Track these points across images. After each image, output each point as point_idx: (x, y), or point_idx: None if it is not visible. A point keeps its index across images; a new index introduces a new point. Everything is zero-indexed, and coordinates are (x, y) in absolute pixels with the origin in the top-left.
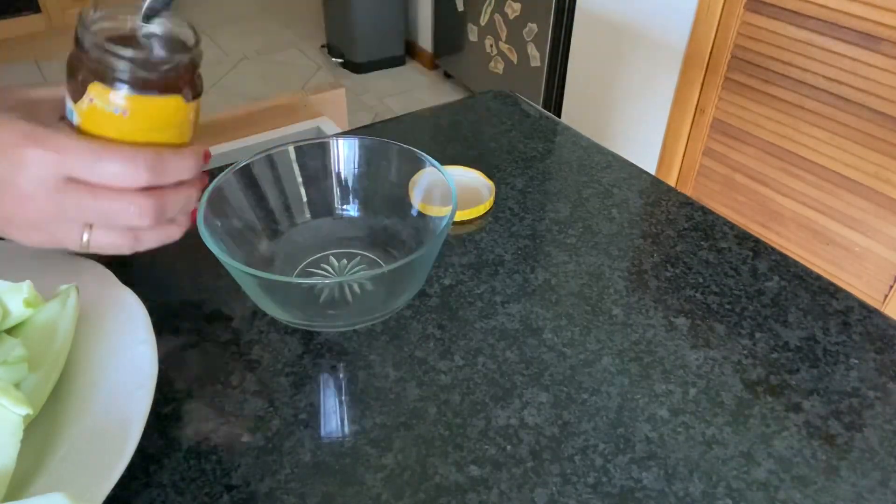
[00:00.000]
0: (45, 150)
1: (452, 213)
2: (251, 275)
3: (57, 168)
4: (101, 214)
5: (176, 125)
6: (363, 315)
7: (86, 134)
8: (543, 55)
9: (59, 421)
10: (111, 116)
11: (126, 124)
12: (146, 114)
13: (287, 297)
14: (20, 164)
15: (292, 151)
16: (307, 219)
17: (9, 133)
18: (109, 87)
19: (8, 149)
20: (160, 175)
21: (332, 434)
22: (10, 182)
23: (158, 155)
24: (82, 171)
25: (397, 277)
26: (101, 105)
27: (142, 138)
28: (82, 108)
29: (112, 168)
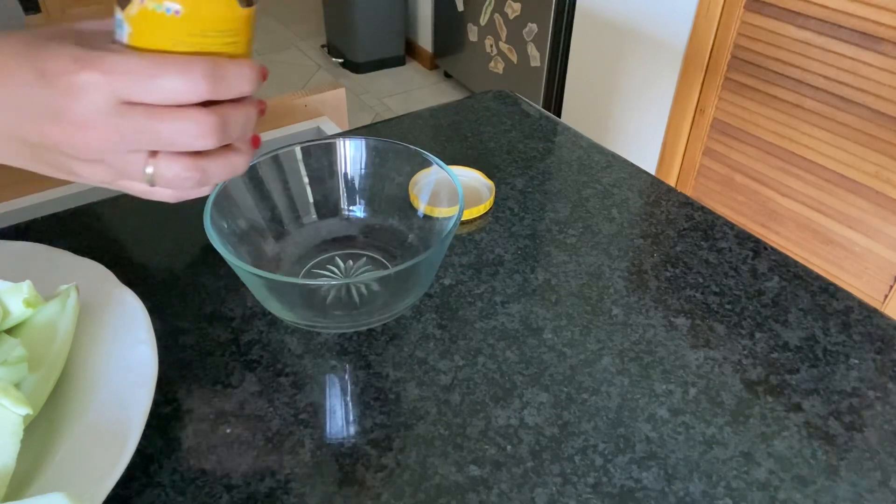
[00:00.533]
0: (96, 73)
1: (459, 216)
2: (258, 276)
3: (111, 90)
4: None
5: (232, 31)
6: (369, 316)
7: (137, 47)
8: (543, 55)
9: (59, 421)
10: (163, 18)
11: (180, 27)
12: (200, 13)
13: (293, 298)
14: (72, 90)
15: (299, 152)
16: (313, 219)
17: (57, 59)
18: None
19: (58, 76)
20: (218, 84)
21: (332, 434)
22: (64, 110)
23: (215, 63)
24: (137, 89)
25: (403, 279)
26: (153, 6)
27: (196, 45)
28: (132, 13)
29: (168, 82)
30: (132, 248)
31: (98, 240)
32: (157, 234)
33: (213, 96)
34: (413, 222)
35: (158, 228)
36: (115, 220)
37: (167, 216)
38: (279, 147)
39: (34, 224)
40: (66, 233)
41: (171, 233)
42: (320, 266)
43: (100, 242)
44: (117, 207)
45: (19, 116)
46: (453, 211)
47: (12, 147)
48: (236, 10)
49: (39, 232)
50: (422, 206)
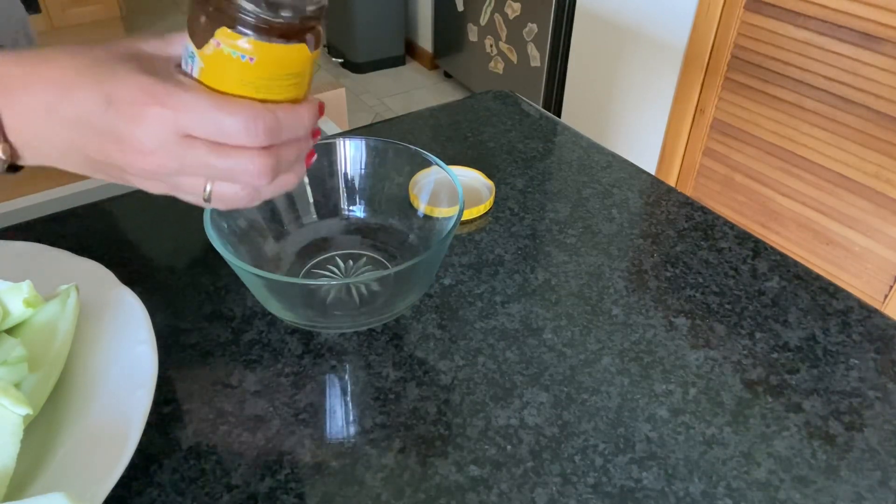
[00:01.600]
0: (164, 108)
1: (459, 216)
2: (258, 276)
3: (176, 125)
4: (219, 172)
5: (298, 74)
6: (369, 316)
7: (206, 83)
8: (543, 55)
9: (59, 421)
10: (237, 63)
11: (251, 71)
12: (272, 61)
13: (293, 298)
14: (139, 120)
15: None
16: (313, 219)
17: (128, 88)
18: (239, 33)
19: (129, 105)
20: (278, 136)
21: (332, 434)
22: (129, 137)
23: (276, 117)
24: (202, 129)
25: (403, 279)
26: (228, 51)
27: (263, 87)
28: (206, 52)
29: (232, 128)
30: (132, 248)
31: (98, 240)
32: (157, 234)
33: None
34: (413, 222)
35: (158, 228)
36: (115, 220)
37: (167, 216)
38: None
39: (34, 224)
40: (66, 233)
41: (171, 233)
42: (320, 266)
43: (100, 242)
44: (117, 207)
45: (84, 134)
46: (453, 211)
47: (76, 158)
48: (306, 56)
49: (39, 232)
50: (422, 206)
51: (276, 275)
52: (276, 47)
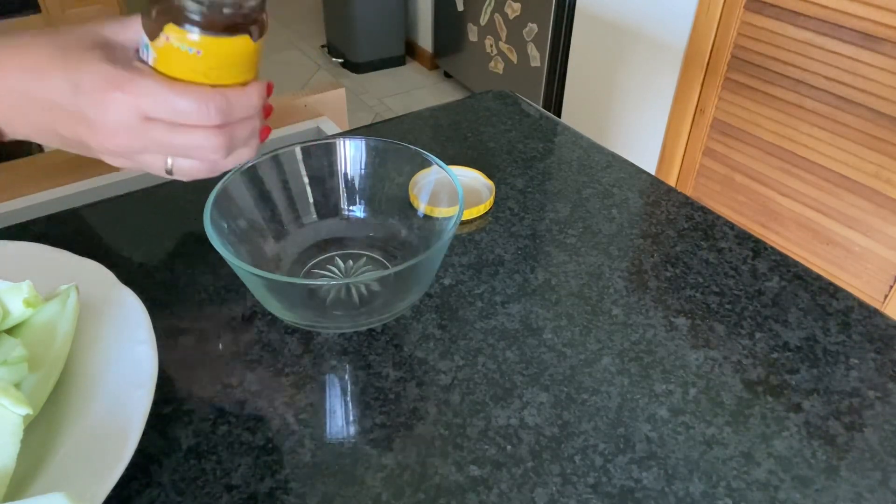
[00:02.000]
0: (125, 94)
1: (459, 216)
2: (258, 276)
3: (137, 109)
4: (176, 148)
5: (244, 63)
6: (369, 316)
7: (161, 71)
8: (543, 55)
9: (59, 421)
10: (185, 55)
11: (199, 62)
12: (217, 53)
13: (293, 298)
14: (104, 105)
15: (299, 152)
16: (313, 219)
17: (93, 76)
18: (185, 30)
19: (94, 92)
20: (229, 115)
21: (332, 434)
22: (95, 120)
23: (227, 99)
24: (159, 112)
25: (403, 279)
26: (177, 44)
27: (213, 74)
28: (158, 45)
29: (187, 112)
30: (132, 248)
31: (98, 240)
32: (157, 234)
33: (221, 123)
34: (413, 222)
35: (158, 228)
36: (115, 220)
37: (167, 216)
38: (279, 147)
39: (34, 224)
40: (66, 233)
41: (171, 233)
42: (320, 266)
43: (100, 242)
44: (117, 207)
45: (56, 115)
46: (453, 211)
47: (49, 135)
48: (251, 46)
49: (39, 232)
50: (422, 206)
51: (276, 275)
52: (221, 41)
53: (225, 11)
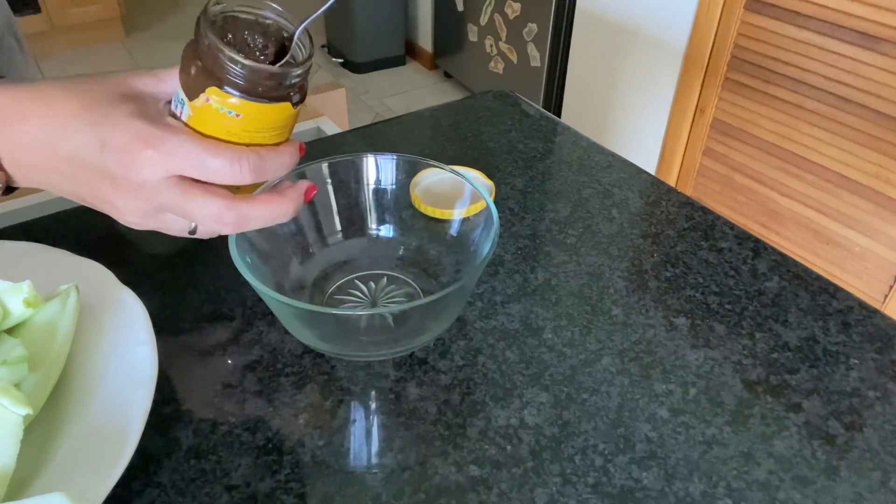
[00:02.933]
0: (156, 152)
1: (494, 243)
2: (287, 304)
3: (167, 168)
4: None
5: (281, 126)
6: (396, 343)
7: (194, 128)
8: (543, 55)
9: (59, 421)
10: (224, 117)
11: (237, 125)
12: (257, 117)
13: (322, 324)
14: (132, 163)
15: (325, 168)
16: (339, 239)
17: (121, 133)
18: (227, 93)
19: (123, 150)
20: (262, 175)
21: (332, 434)
22: (120, 178)
23: (260, 158)
24: (191, 171)
25: (436, 306)
26: (216, 106)
27: (247, 137)
28: (196, 104)
29: (219, 170)
30: (132, 248)
31: (98, 240)
32: (156, 234)
33: (254, 182)
34: (443, 242)
35: None
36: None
37: None
38: (304, 164)
39: (34, 224)
40: (66, 233)
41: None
42: (346, 287)
43: (100, 242)
44: None
45: (78, 170)
46: (477, 209)
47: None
48: (288, 111)
49: (39, 232)
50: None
51: (308, 304)
52: (261, 106)
53: (270, 80)
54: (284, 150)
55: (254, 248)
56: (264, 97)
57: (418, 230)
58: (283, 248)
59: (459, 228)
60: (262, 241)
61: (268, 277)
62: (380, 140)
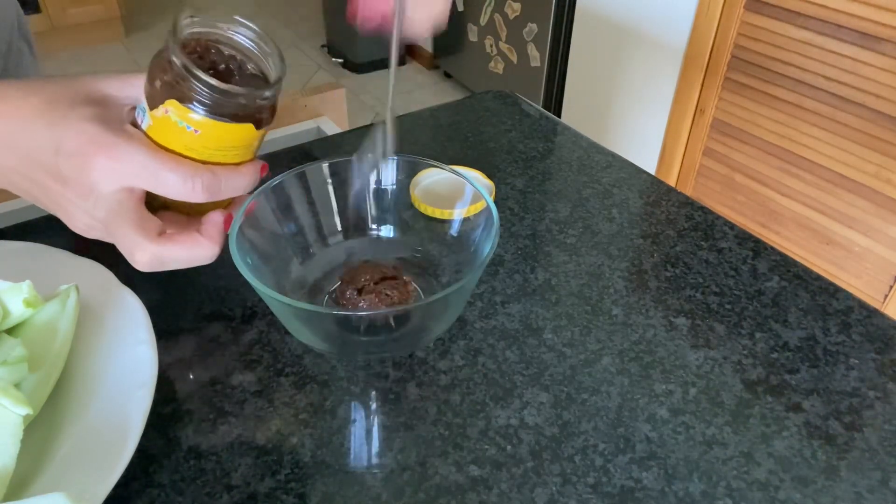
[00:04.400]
0: (108, 159)
1: (494, 243)
2: (287, 304)
3: (118, 177)
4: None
5: (243, 146)
6: (398, 343)
7: (153, 138)
8: (543, 55)
9: (59, 421)
10: (182, 131)
11: (196, 140)
12: (217, 136)
13: (322, 324)
14: (84, 169)
15: (325, 168)
16: (339, 239)
17: (76, 137)
18: (188, 108)
19: (75, 153)
20: (217, 195)
21: (332, 434)
22: (72, 181)
23: (215, 176)
24: (142, 183)
25: (436, 306)
26: (176, 119)
27: (206, 154)
28: (156, 115)
29: (171, 185)
30: None
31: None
32: None
33: (208, 201)
34: (444, 242)
35: None
36: None
37: None
38: (305, 164)
39: (34, 224)
40: (66, 233)
41: None
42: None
43: (100, 242)
44: None
45: (32, 169)
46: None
47: (21, 185)
48: (250, 133)
49: (39, 232)
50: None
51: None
52: (223, 125)
53: (232, 101)
54: (244, 169)
55: (254, 248)
56: (225, 116)
57: (418, 230)
58: (283, 249)
59: (459, 228)
60: (263, 241)
61: (268, 277)
62: None
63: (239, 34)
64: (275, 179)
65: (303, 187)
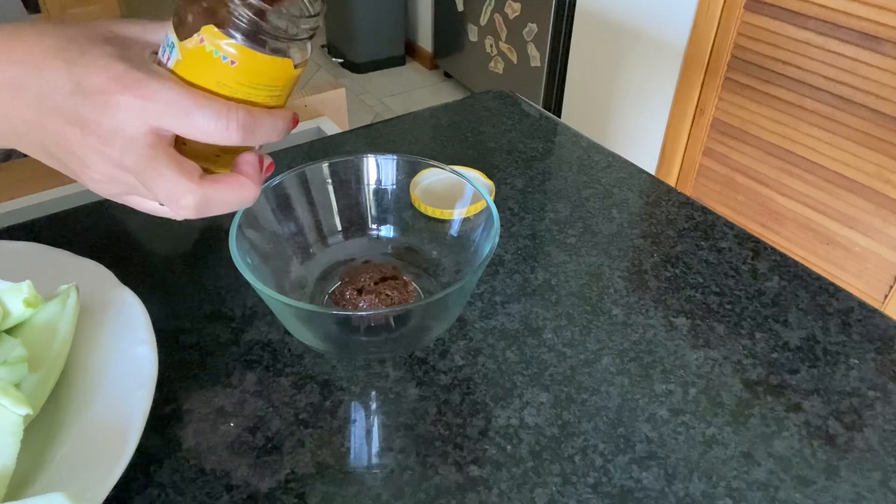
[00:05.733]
0: (134, 97)
1: (494, 243)
2: (287, 304)
3: (146, 117)
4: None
5: (278, 87)
6: (398, 342)
7: (181, 75)
8: (543, 55)
9: (59, 421)
10: (217, 62)
11: (230, 74)
12: (254, 69)
13: (322, 324)
14: (107, 108)
15: (326, 169)
16: (339, 239)
17: (97, 74)
18: (226, 34)
19: (96, 93)
20: (250, 135)
21: (332, 434)
22: (93, 123)
23: (252, 115)
24: (172, 122)
25: (436, 306)
26: (211, 49)
27: (240, 92)
28: (188, 46)
29: (203, 124)
30: (132, 248)
31: (98, 240)
32: (157, 234)
33: (242, 144)
34: (444, 242)
35: (158, 228)
36: (115, 220)
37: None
38: (305, 164)
39: (34, 224)
40: (66, 233)
41: (171, 233)
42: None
43: (100, 242)
44: (117, 207)
45: (46, 116)
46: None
47: (33, 140)
48: (289, 71)
49: (39, 232)
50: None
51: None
52: (260, 56)
53: (274, 26)
54: (278, 113)
55: (254, 248)
56: (264, 46)
57: (418, 230)
58: (283, 249)
59: (459, 228)
60: (263, 241)
61: (268, 278)
62: (380, 140)
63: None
64: (275, 179)
65: (303, 187)
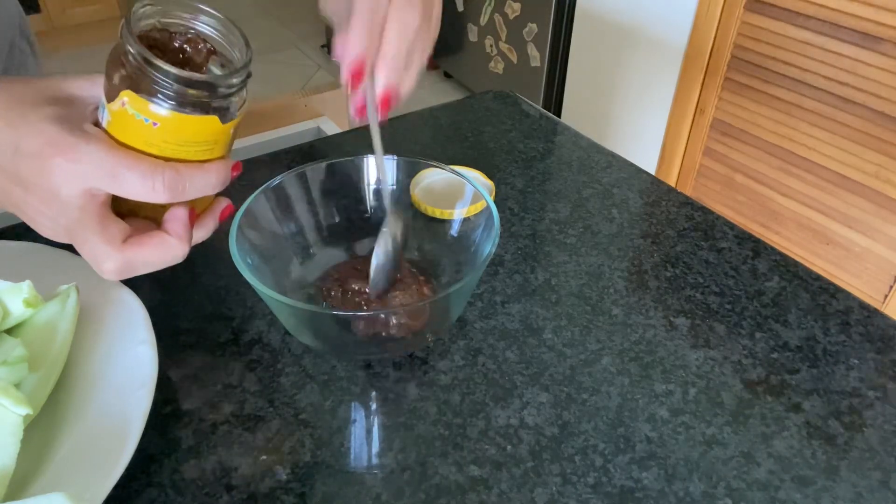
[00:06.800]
0: (66, 160)
1: (494, 243)
2: (287, 304)
3: (77, 179)
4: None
5: (209, 142)
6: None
7: (113, 136)
8: (543, 55)
9: (59, 421)
10: (140, 124)
11: (156, 134)
12: (178, 129)
13: (322, 324)
14: (42, 170)
15: (324, 170)
16: (339, 239)
17: (35, 136)
18: (144, 99)
19: (34, 155)
20: (181, 194)
21: (332, 434)
22: (31, 184)
23: (178, 174)
24: (101, 183)
25: (436, 306)
26: (133, 112)
27: (168, 150)
28: (113, 108)
29: (131, 184)
30: None
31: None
32: None
33: (173, 201)
34: (444, 242)
35: None
36: None
37: None
38: (305, 164)
39: None
40: None
41: None
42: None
43: None
44: None
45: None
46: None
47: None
48: (216, 126)
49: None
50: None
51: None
52: (182, 117)
53: (190, 90)
54: (211, 167)
55: (255, 248)
56: (185, 107)
57: (418, 230)
58: (283, 249)
59: (459, 228)
60: (263, 241)
61: (268, 278)
62: None
63: (200, 22)
64: (275, 179)
65: (303, 187)
